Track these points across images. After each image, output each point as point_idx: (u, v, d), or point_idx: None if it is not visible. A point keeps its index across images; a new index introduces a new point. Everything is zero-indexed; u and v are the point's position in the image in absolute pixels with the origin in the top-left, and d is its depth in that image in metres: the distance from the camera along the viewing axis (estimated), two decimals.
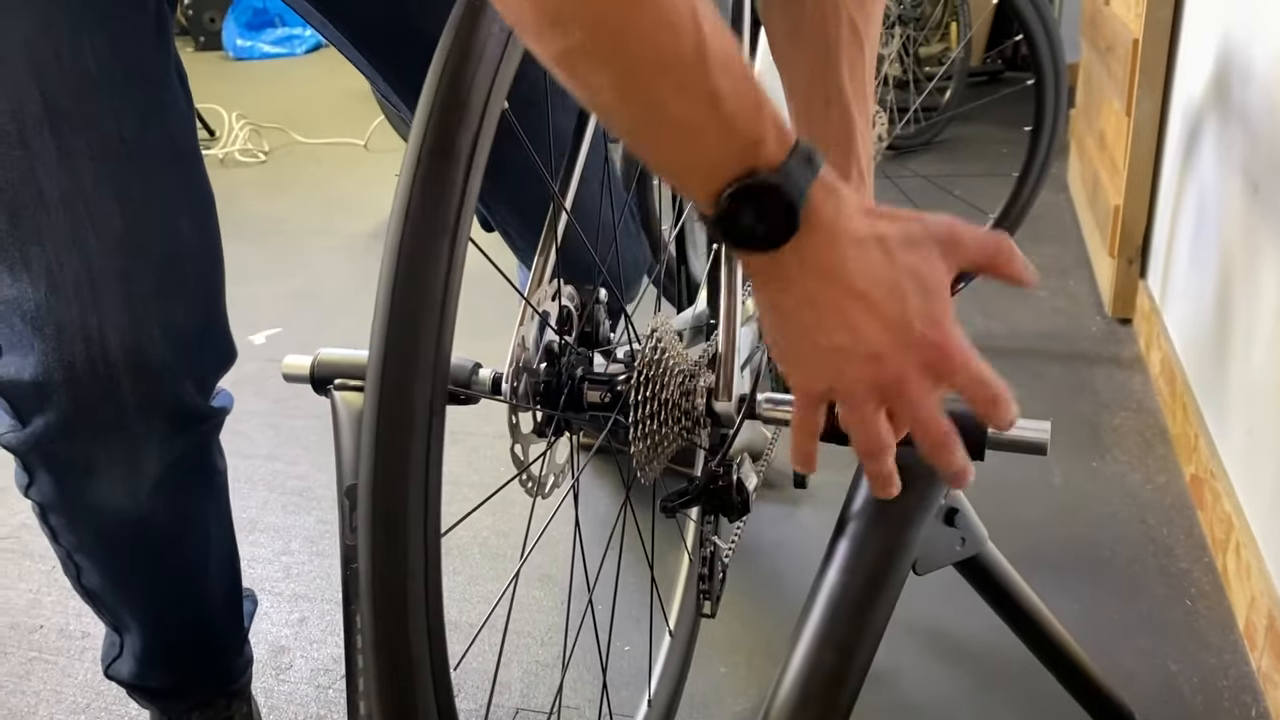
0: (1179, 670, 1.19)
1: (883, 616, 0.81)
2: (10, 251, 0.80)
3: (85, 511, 0.94)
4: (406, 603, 0.59)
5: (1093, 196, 2.33)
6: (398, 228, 0.59)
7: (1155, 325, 1.83)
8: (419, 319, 0.58)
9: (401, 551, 0.58)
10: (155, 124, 0.84)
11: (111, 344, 0.83)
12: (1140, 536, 1.42)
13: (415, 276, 0.58)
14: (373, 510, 0.58)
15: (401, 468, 0.57)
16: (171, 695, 1.09)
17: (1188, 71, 1.80)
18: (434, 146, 0.59)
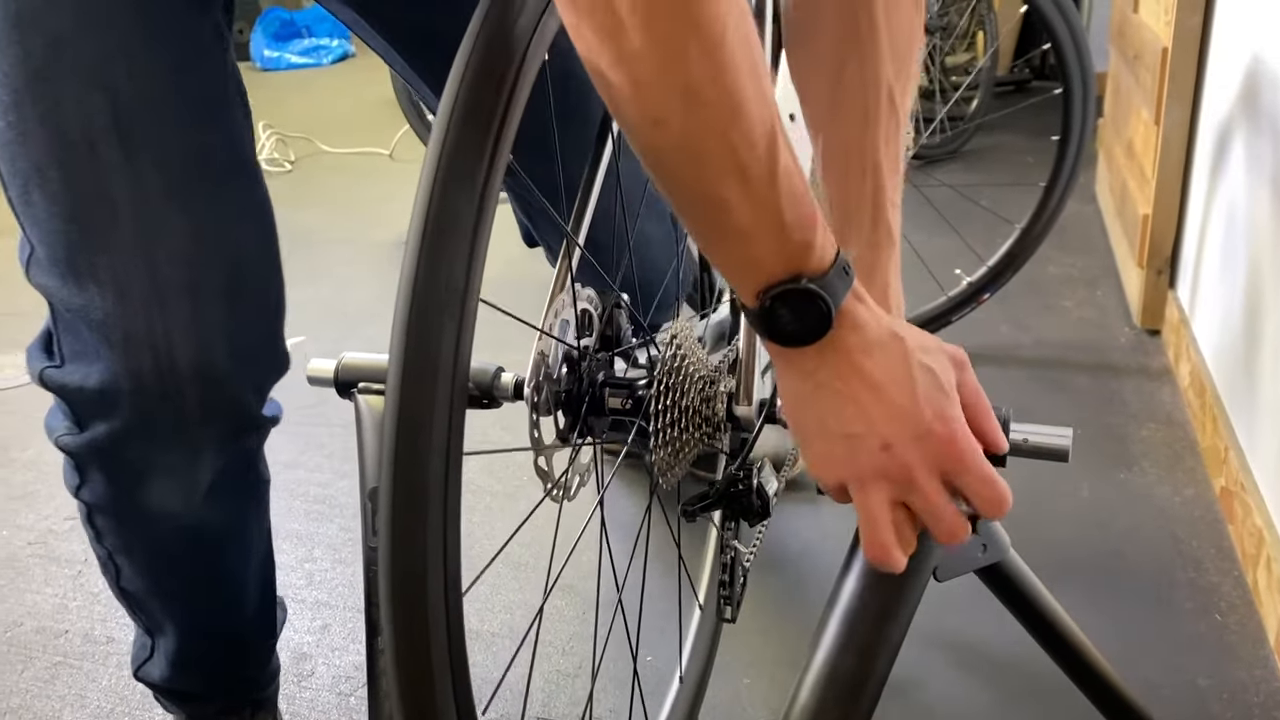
0: (1208, 685, 1.17)
1: (903, 623, 0.80)
2: (79, 261, 0.81)
3: (136, 515, 0.95)
4: (426, 606, 0.58)
5: (1121, 206, 2.31)
6: (419, 227, 0.59)
7: (1184, 336, 1.81)
8: (438, 318, 0.58)
9: (421, 554, 0.58)
10: (218, 137, 0.85)
11: (179, 354, 0.84)
12: (1169, 549, 1.40)
13: (436, 274, 0.58)
14: (393, 512, 0.58)
15: (421, 469, 0.57)
16: (199, 699, 1.10)
17: (1217, 80, 1.78)
18: (457, 143, 0.59)
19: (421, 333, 0.57)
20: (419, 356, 0.57)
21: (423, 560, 0.58)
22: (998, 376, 1.89)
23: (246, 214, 0.89)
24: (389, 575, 0.58)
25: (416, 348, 0.57)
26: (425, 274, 0.58)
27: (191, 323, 0.84)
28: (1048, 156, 1.93)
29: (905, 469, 0.64)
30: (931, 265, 2.08)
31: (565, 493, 0.84)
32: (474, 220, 0.59)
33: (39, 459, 1.77)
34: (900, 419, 0.63)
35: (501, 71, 0.61)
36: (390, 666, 0.60)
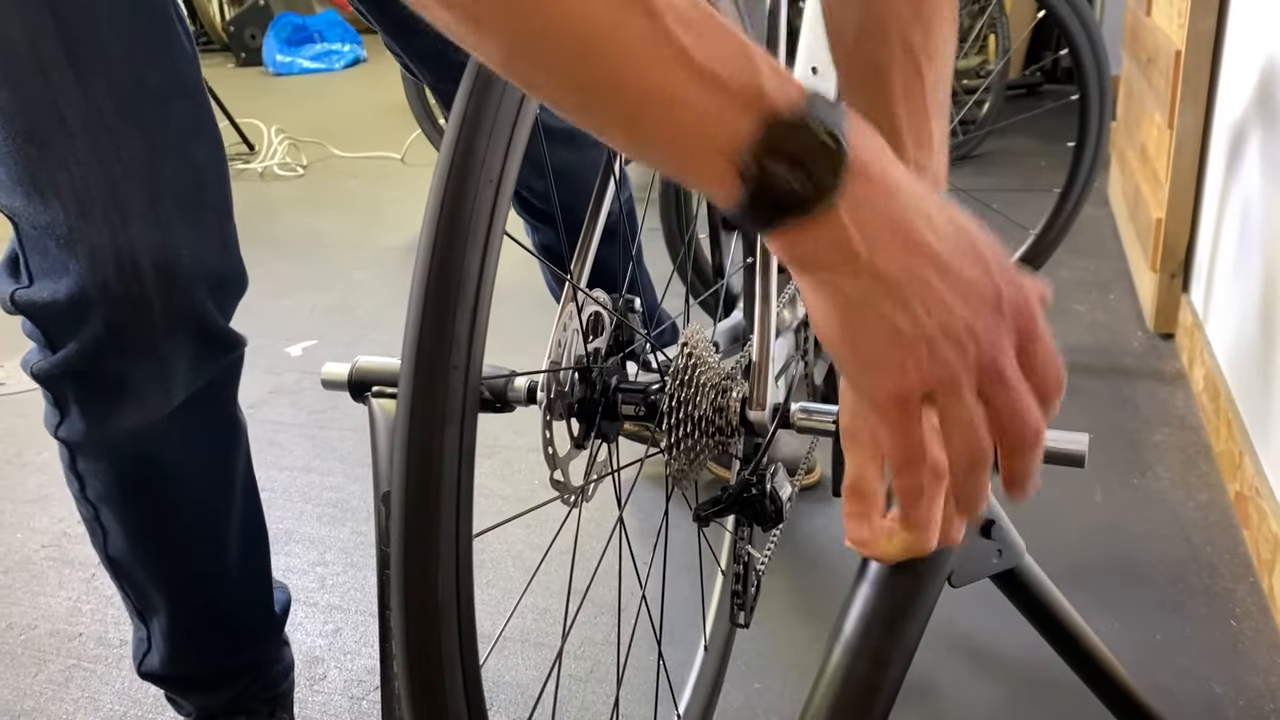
0: (1223, 692, 1.16)
1: (918, 629, 0.80)
2: (40, 179, 0.84)
3: (113, 448, 0.96)
4: (438, 608, 0.58)
5: (1134, 210, 2.30)
6: (431, 230, 0.59)
7: (1198, 341, 1.81)
8: (451, 319, 0.58)
9: (433, 556, 0.58)
10: (163, 58, 0.88)
11: (143, 263, 0.86)
12: (1183, 555, 1.39)
13: (448, 277, 0.58)
14: (405, 514, 0.58)
15: (433, 471, 0.57)
16: (204, 688, 1.10)
17: (1231, 83, 1.77)
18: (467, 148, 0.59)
19: (434, 336, 0.57)
20: (431, 360, 0.57)
21: (434, 568, 0.58)
22: None
23: (198, 131, 0.91)
24: (401, 579, 0.59)
25: (429, 351, 0.57)
26: (438, 277, 0.58)
27: (153, 233, 0.86)
28: (1061, 160, 1.93)
29: (993, 355, 0.49)
30: None
31: (580, 499, 0.84)
32: (487, 222, 0.59)
33: (53, 462, 1.77)
34: (976, 295, 0.49)
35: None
36: (401, 670, 0.60)
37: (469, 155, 0.59)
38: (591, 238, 0.84)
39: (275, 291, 2.55)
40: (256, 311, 2.45)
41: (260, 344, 2.25)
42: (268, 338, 2.28)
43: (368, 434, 0.93)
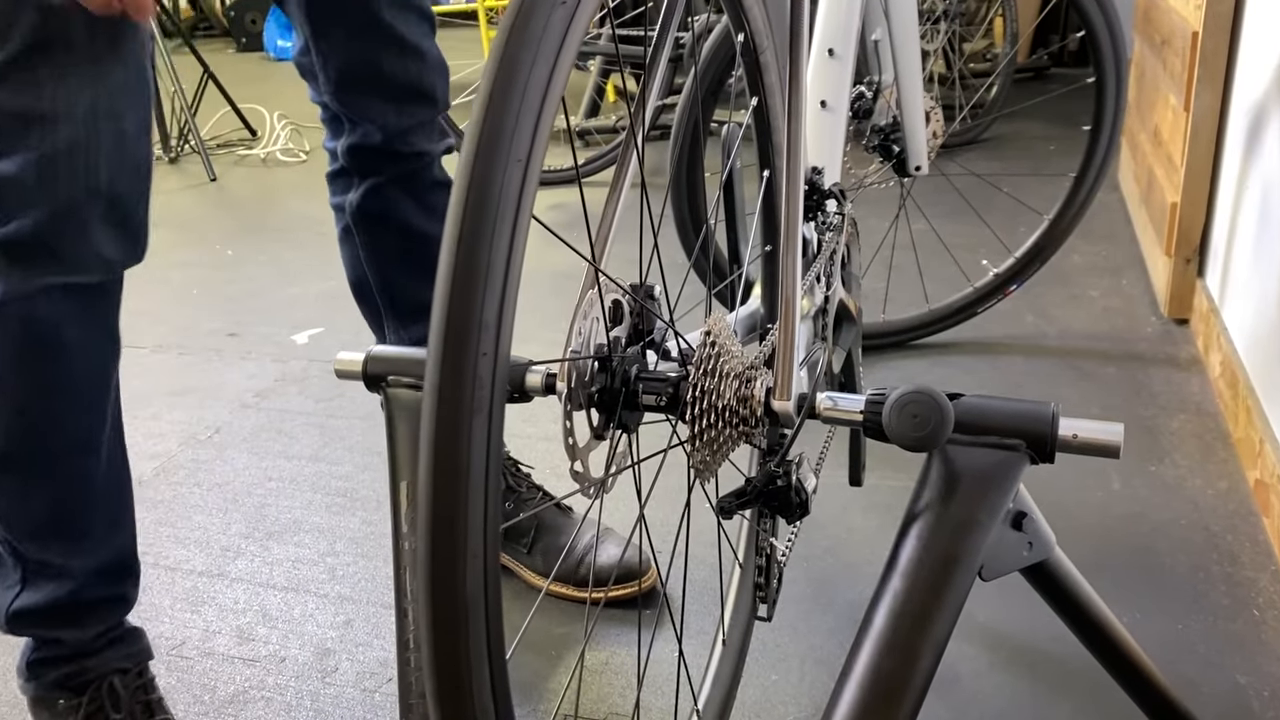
0: (1247, 683, 1.15)
1: (948, 623, 0.78)
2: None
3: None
4: (466, 602, 0.56)
5: (1147, 194, 2.28)
6: (459, 208, 0.56)
7: (1214, 326, 1.79)
8: (479, 305, 0.56)
9: (460, 550, 0.56)
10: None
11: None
12: (1203, 543, 1.38)
13: (476, 261, 0.56)
14: (431, 506, 0.56)
15: (460, 462, 0.55)
16: (74, 620, 1.10)
17: (1249, 65, 1.75)
18: None
19: (462, 322, 0.55)
20: (459, 346, 0.55)
21: (463, 558, 0.56)
22: (1024, 367, 1.87)
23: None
24: (428, 573, 0.57)
25: (457, 338, 0.55)
26: (465, 261, 0.56)
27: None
28: (1069, 145, 1.91)
29: None
30: (957, 255, 2.06)
31: (600, 490, 0.82)
32: (515, 204, 0.57)
33: None
34: None
35: (543, 44, 0.59)
36: (427, 666, 0.59)
37: (496, 134, 0.57)
38: (611, 219, 0.82)
39: (279, 278, 2.53)
40: (261, 298, 2.43)
41: (265, 331, 2.24)
42: (273, 325, 2.26)
43: (379, 423, 0.92)
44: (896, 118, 1.67)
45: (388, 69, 1.20)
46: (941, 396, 0.74)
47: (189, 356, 2.11)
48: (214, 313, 2.34)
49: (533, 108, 0.58)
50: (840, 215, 1.20)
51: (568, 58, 0.61)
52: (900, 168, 1.68)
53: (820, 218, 1.19)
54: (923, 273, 2.00)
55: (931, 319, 1.96)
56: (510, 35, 0.59)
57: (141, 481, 1.66)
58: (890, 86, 1.67)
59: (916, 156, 1.65)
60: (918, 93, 1.61)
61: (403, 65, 1.21)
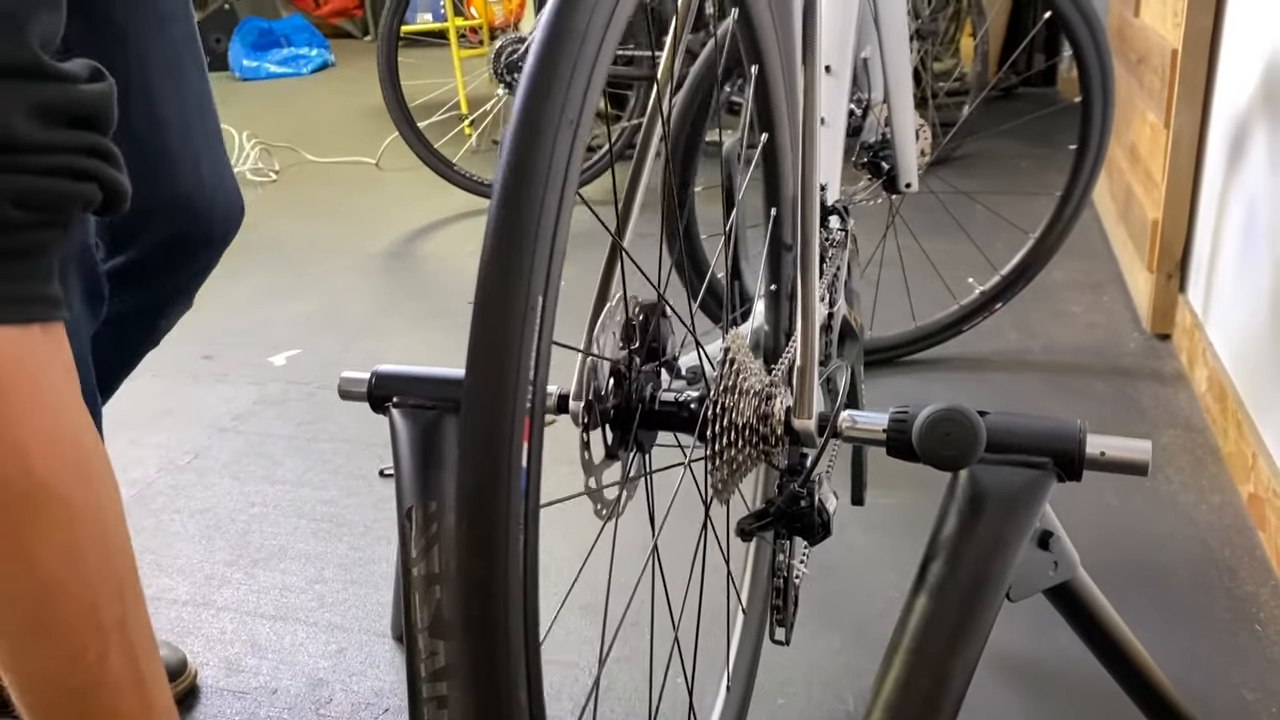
0: (1256, 699, 1.14)
1: (978, 644, 0.77)
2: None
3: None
4: (508, 635, 0.54)
5: (1125, 210, 2.29)
6: (495, 234, 0.54)
7: (1198, 341, 1.80)
8: (517, 331, 0.53)
9: (500, 585, 0.54)
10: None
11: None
12: (1201, 559, 1.38)
13: (515, 285, 0.54)
14: (469, 533, 0.53)
15: (501, 486, 0.53)
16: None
17: (1229, 82, 1.77)
18: None
19: (501, 347, 0.53)
20: (499, 368, 0.53)
21: (503, 597, 0.54)
22: (1011, 383, 1.87)
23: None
24: (465, 608, 0.54)
25: (496, 362, 0.53)
26: (501, 283, 0.54)
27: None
28: (1041, 162, 1.92)
29: None
30: (941, 271, 2.07)
31: (614, 512, 0.80)
32: (554, 221, 0.55)
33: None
34: None
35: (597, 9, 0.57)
36: (467, 693, 0.56)
37: (546, 94, 0.54)
38: (634, 197, 0.79)
39: (254, 299, 2.49)
40: (236, 319, 2.39)
41: (241, 353, 2.20)
42: (249, 347, 2.22)
43: (362, 446, 0.89)
44: (886, 135, 1.67)
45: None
46: (974, 415, 0.73)
47: (163, 380, 2.06)
48: (187, 335, 2.29)
49: (584, 71, 0.56)
50: (844, 231, 1.19)
51: (619, 23, 0.59)
52: (890, 185, 1.68)
53: (824, 234, 1.18)
54: (909, 290, 1.99)
55: (918, 336, 1.95)
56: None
57: None
58: (880, 104, 1.67)
59: (907, 174, 1.65)
60: (908, 110, 1.61)
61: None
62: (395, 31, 2.91)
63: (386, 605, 1.35)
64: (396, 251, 2.82)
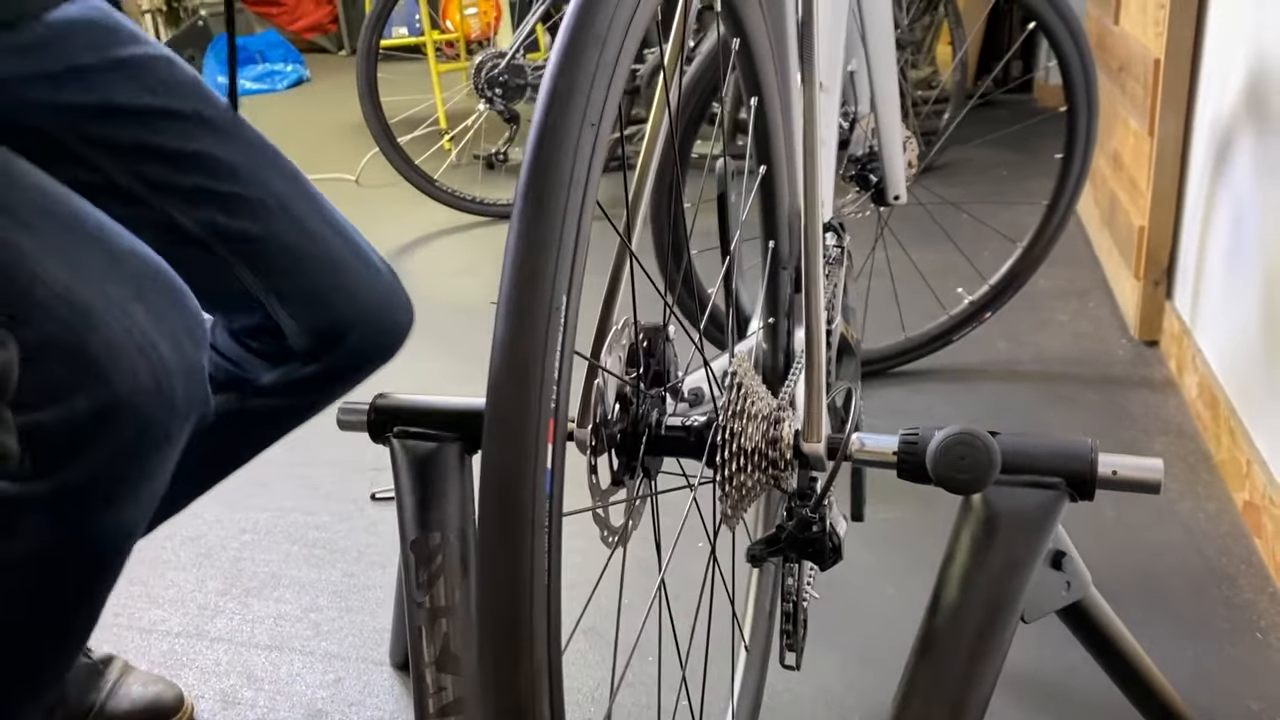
0: (1262, 710, 1.14)
1: (995, 668, 0.76)
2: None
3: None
4: (532, 638, 0.52)
5: (1109, 218, 2.30)
6: (514, 262, 0.53)
7: (1187, 348, 1.80)
8: (540, 363, 0.52)
9: (525, 622, 0.52)
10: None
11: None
12: (1199, 567, 1.38)
13: (538, 303, 0.52)
14: (495, 534, 0.52)
15: (526, 487, 0.51)
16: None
17: (1213, 88, 1.78)
18: None
19: (527, 347, 0.52)
20: (525, 367, 0.51)
21: (528, 638, 0.52)
22: (1003, 392, 1.87)
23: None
24: (493, 644, 0.52)
25: (522, 360, 0.52)
26: (527, 285, 0.53)
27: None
28: (1021, 170, 1.92)
29: None
30: (928, 282, 2.07)
31: (622, 540, 0.79)
32: (577, 223, 0.54)
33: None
34: None
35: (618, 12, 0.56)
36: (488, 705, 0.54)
37: (569, 94, 0.54)
38: (642, 193, 0.78)
39: None
40: None
41: None
42: None
43: (352, 470, 0.88)
44: (873, 147, 1.67)
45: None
46: (988, 438, 0.73)
47: None
48: None
49: (605, 75, 0.56)
50: (839, 248, 1.18)
51: (639, 27, 0.58)
52: (879, 197, 1.67)
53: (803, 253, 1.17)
54: (899, 301, 1.99)
55: (909, 347, 1.95)
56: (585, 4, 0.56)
57: None
58: (867, 116, 1.67)
59: (895, 186, 1.65)
60: (895, 122, 1.61)
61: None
62: (375, 47, 2.90)
63: (382, 632, 1.33)
64: None
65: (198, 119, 0.99)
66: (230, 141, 1.00)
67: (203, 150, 0.98)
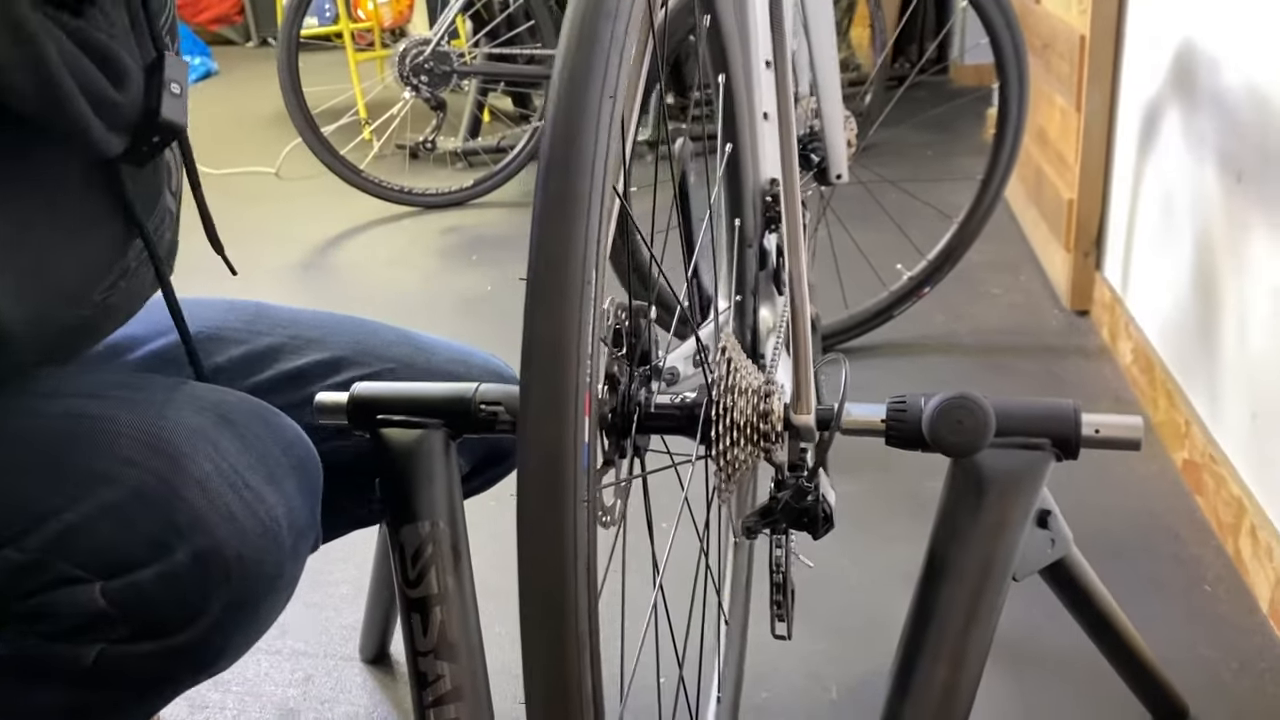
0: (1216, 657, 1.19)
1: (992, 626, 0.78)
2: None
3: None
4: (576, 614, 0.52)
5: (1036, 193, 2.36)
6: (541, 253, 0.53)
7: (1119, 316, 1.86)
8: (573, 342, 0.52)
9: (571, 558, 0.52)
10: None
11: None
12: (1146, 526, 1.43)
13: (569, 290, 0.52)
14: (537, 508, 0.51)
15: (568, 459, 0.51)
16: None
17: (1135, 65, 1.83)
18: None
19: (564, 316, 0.51)
20: (563, 336, 0.51)
21: (573, 574, 0.52)
22: (945, 365, 1.91)
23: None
24: (535, 583, 0.52)
25: (559, 329, 0.51)
26: (559, 261, 0.52)
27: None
28: (945, 149, 1.96)
29: None
30: (870, 259, 2.10)
31: (617, 520, 0.79)
32: (601, 192, 0.53)
33: None
34: None
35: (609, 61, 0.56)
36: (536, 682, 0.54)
37: (587, 69, 0.53)
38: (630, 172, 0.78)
39: None
40: None
41: None
42: None
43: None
44: (814, 128, 1.68)
45: None
46: (984, 401, 0.74)
47: None
48: None
49: (619, 47, 0.55)
50: (804, 225, 1.19)
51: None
52: (821, 176, 1.69)
53: (780, 229, 1.18)
54: (841, 278, 2.02)
55: (852, 324, 1.98)
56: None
57: None
58: (807, 97, 1.68)
59: (837, 165, 1.67)
60: (837, 101, 1.63)
61: None
62: (296, 36, 2.84)
63: (351, 628, 1.31)
64: (311, 263, 2.75)
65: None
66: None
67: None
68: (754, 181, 1.13)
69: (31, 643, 0.69)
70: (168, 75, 0.76)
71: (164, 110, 0.75)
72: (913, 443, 0.80)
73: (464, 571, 0.85)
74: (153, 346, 0.96)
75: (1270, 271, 1.28)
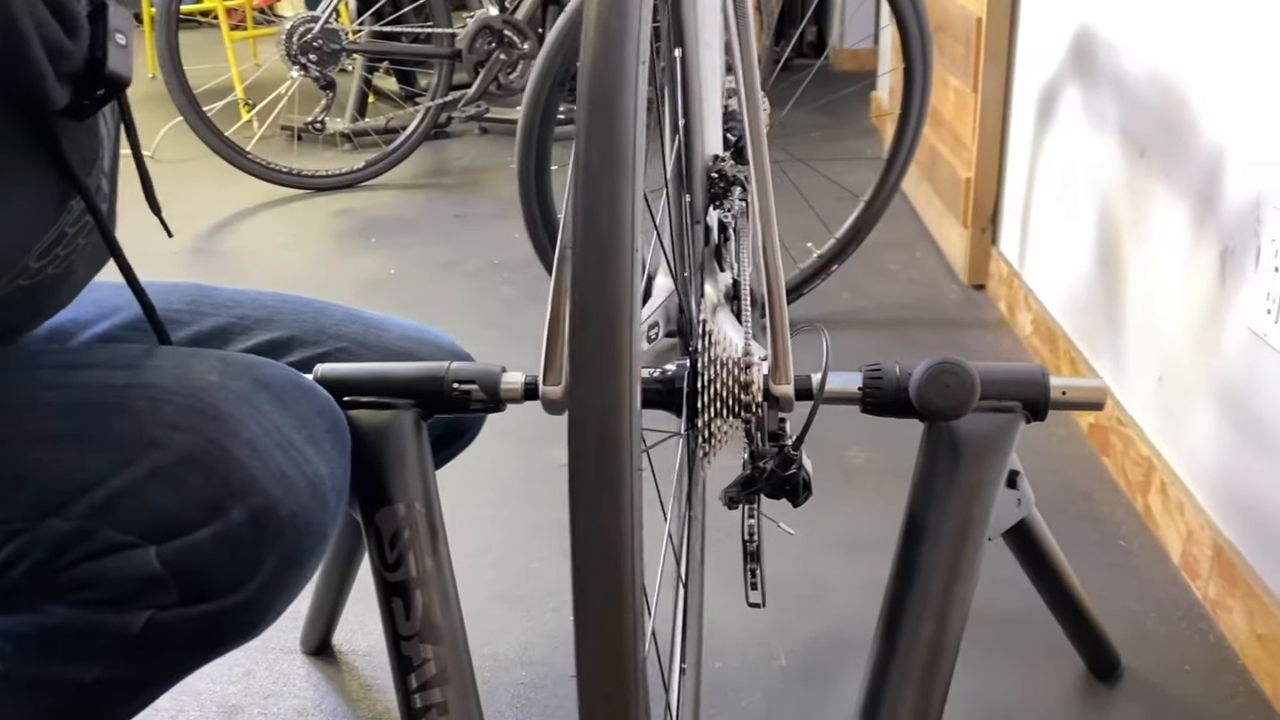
0: (1139, 608, 1.26)
1: (973, 584, 0.81)
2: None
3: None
4: (634, 585, 0.52)
5: (929, 172, 2.44)
6: None
7: (1017, 288, 1.94)
8: (619, 314, 0.52)
9: (628, 570, 0.51)
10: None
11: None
12: (1058, 487, 1.49)
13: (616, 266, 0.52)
14: (596, 478, 0.50)
15: (623, 467, 0.51)
16: None
17: (1029, 46, 1.91)
18: None
19: (610, 331, 0.51)
20: (614, 344, 0.51)
21: (630, 546, 0.51)
22: (856, 339, 1.96)
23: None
24: (593, 557, 0.51)
25: (612, 334, 0.51)
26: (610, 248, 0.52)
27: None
28: (834, 132, 2.01)
29: None
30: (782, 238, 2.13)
31: None
32: (636, 182, 0.53)
33: None
34: None
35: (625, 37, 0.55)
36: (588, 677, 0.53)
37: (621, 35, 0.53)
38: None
39: None
40: None
41: None
42: None
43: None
44: (730, 107, 1.70)
45: None
46: (969, 366, 0.77)
47: None
48: None
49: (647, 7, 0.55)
50: (744, 201, 1.21)
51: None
52: (739, 155, 1.71)
53: (729, 205, 1.19)
54: None
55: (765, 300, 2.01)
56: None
57: None
58: (725, 77, 1.70)
59: None
60: (755, 83, 1.65)
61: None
62: (176, 11, 2.71)
63: (291, 619, 1.27)
64: (199, 248, 2.64)
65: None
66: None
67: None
68: (701, 158, 1.13)
69: (78, 612, 0.67)
70: (112, 25, 0.71)
71: (110, 62, 0.70)
72: (889, 409, 0.82)
73: (442, 552, 0.84)
74: (98, 329, 0.91)
75: (1175, 239, 1.35)
